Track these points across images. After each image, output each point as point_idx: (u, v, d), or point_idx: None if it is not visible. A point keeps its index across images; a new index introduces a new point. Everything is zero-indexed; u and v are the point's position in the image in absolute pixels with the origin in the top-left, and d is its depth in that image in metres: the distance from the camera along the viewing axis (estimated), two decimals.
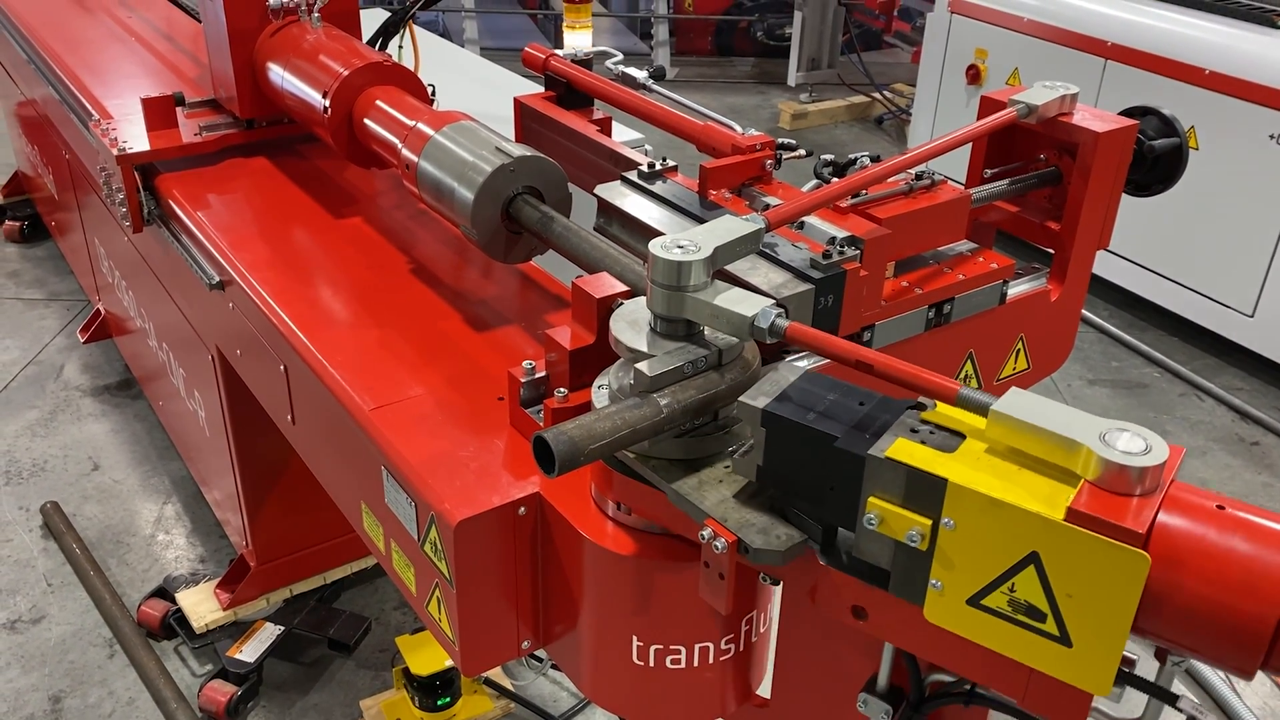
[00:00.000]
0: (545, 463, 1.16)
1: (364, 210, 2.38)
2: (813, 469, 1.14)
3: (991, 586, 1.04)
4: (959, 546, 1.04)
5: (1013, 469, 1.04)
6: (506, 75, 3.92)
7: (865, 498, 1.09)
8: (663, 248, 1.27)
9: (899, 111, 7.36)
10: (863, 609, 1.20)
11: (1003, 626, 1.05)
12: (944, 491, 1.03)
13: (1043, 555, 0.99)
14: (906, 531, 1.06)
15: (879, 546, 1.10)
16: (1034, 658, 1.04)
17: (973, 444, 1.08)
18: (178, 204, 2.42)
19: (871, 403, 1.16)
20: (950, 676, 1.35)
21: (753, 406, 1.17)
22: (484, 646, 1.55)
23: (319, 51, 2.36)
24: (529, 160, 1.83)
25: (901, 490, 1.06)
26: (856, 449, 1.09)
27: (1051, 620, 1.01)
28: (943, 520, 1.04)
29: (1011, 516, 1.00)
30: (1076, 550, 0.97)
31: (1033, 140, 2.03)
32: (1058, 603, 1.00)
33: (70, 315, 4.72)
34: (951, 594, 1.06)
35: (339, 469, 1.89)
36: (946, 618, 1.08)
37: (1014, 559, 1.01)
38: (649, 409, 1.21)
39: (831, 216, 1.75)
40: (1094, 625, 0.99)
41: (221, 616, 3.02)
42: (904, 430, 1.11)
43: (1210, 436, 4.23)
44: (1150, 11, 4.76)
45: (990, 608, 1.05)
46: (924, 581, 1.08)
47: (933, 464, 1.04)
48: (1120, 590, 0.96)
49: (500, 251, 1.88)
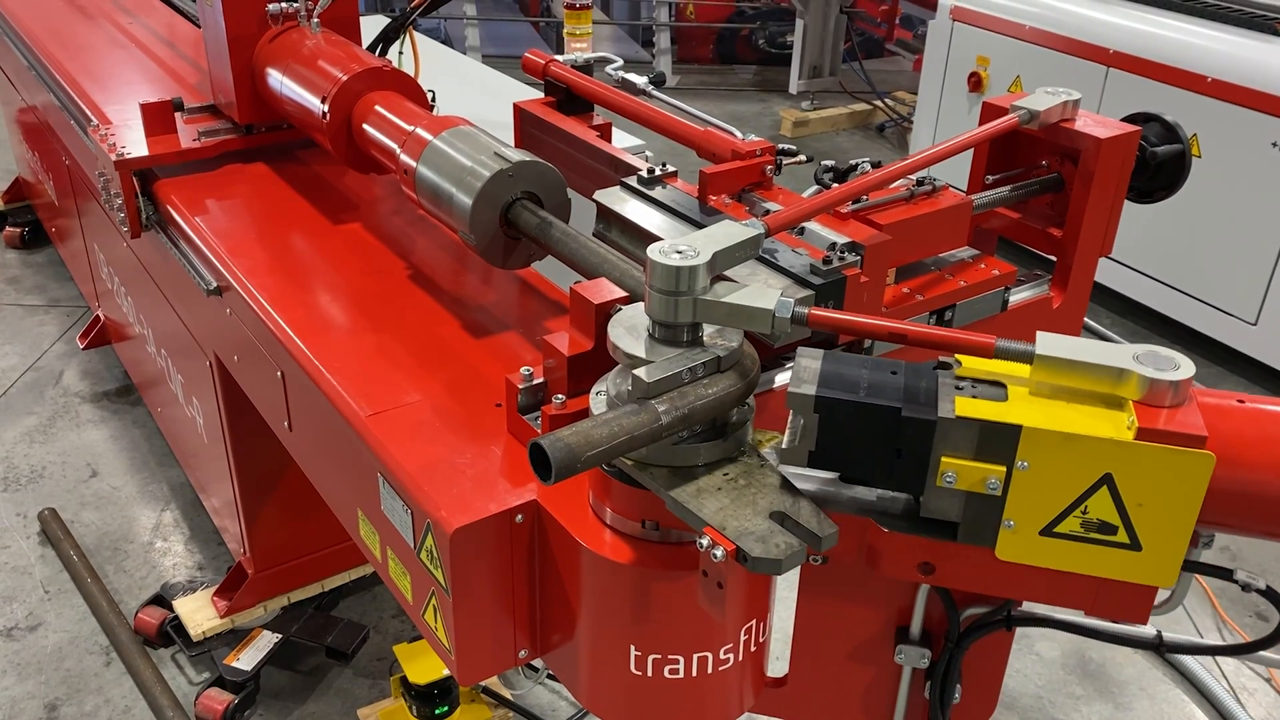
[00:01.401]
0: (542, 469, 1.15)
1: (363, 216, 2.37)
2: (874, 442, 1.17)
3: (1065, 514, 1.13)
4: (1032, 485, 1.13)
5: (1062, 404, 1.13)
6: (508, 82, 3.92)
7: (937, 458, 1.14)
8: (661, 253, 1.26)
9: (900, 119, 7.36)
10: (930, 564, 1.25)
11: (1075, 547, 1.14)
12: (1018, 437, 1.10)
13: (1116, 475, 1.10)
14: (985, 480, 1.13)
15: (949, 501, 1.17)
16: (1105, 568, 1.15)
17: (1016, 389, 1.16)
18: (176, 209, 2.41)
19: (903, 370, 1.21)
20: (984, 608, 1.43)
21: (804, 395, 1.19)
22: (481, 655, 1.53)
23: (318, 57, 2.36)
24: (527, 165, 1.82)
25: (974, 444, 1.13)
26: (925, 414, 1.14)
27: (1123, 531, 1.13)
28: (1018, 464, 1.12)
29: (1085, 447, 1.09)
30: (1148, 464, 1.08)
31: (1035, 146, 2.02)
32: (1129, 514, 1.11)
33: (70, 321, 4.72)
34: (1024, 529, 1.15)
35: (336, 476, 1.88)
36: (1020, 552, 1.16)
37: (1087, 484, 1.11)
38: (647, 416, 1.20)
39: (832, 222, 1.73)
40: (1163, 527, 1.11)
41: (219, 624, 3.00)
42: (951, 390, 1.17)
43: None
44: (1152, 19, 4.76)
45: (1063, 533, 1.14)
46: (995, 524, 1.15)
47: (1002, 414, 1.12)
48: (1188, 490, 1.08)
49: (499, 257, 1.87)
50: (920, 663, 1.49)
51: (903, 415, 1.15)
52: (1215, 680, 3.07)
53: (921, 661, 1.49)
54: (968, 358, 1.22)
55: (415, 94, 2.28)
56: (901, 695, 1.56)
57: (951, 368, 1.21)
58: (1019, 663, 3.17)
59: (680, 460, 1.28)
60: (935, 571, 1.25)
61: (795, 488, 1.26)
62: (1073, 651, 3.22)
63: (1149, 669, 3.17)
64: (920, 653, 1.48)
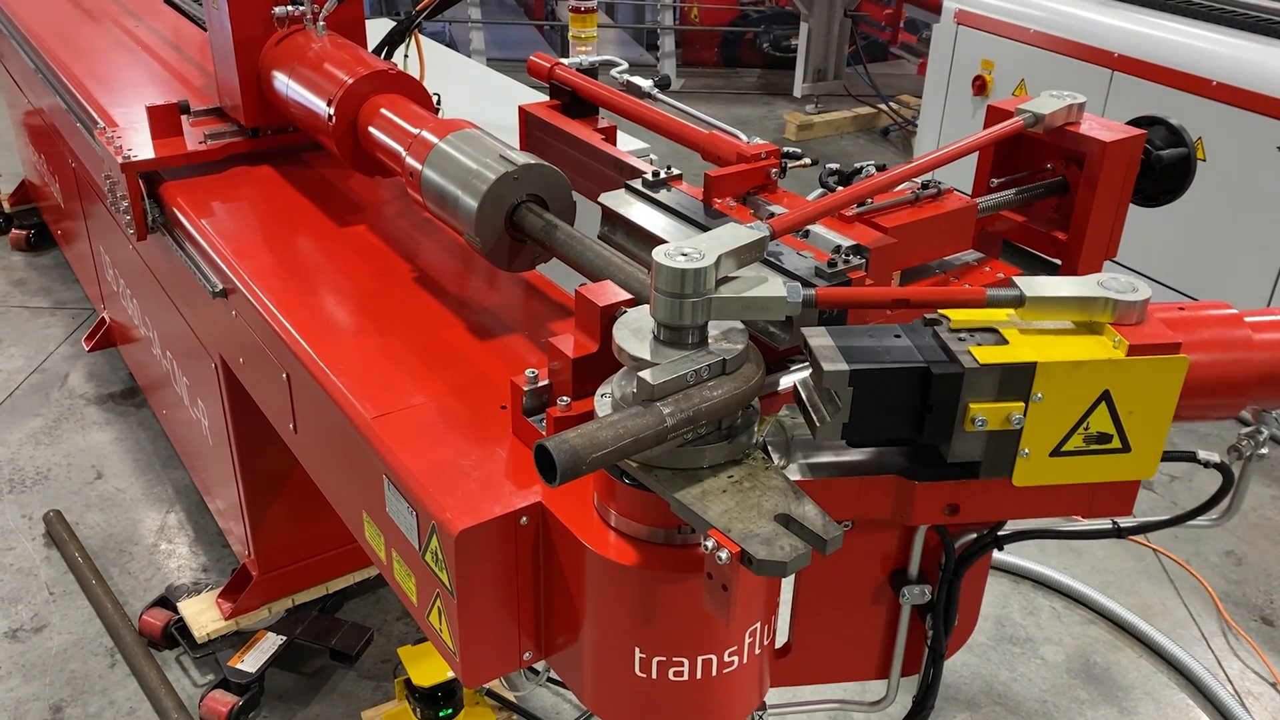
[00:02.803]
0: (547, 471, 1.15)
1: (368, 219, 2.37)
2: (905, 404, 1.26)
3: (1071, 434, 1.26)
4: (1045, 414, 1.24)
5: (1052, 338, 1.26)
6: (513, 85, 3.92)
7: (964, 406, 1.23)
8: (667, 255, 1.26)
9: (905, 123, 7.36)
10: (956, 504, 1.34)
11: (1079, 461, 1.28)
12: (1033, 374, 1.21)
13: (1112, 390, 1.23)
14: (1009, 417, 1.23)
15: (973, 444, 1.26)
16: (1103, 473, 1.29)
17: (1009, 333, 1.27)
18: (182, 212, 2.42)
19: (905, 332, 1.30)
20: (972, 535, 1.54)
21: (839, 371, 1.24)
22: (485, 658, 1.54)
23: (324, 60, 2.36)
24: (533, 168, 1.82)
25: (995, 387, 1.23)
26: (953, 369, 1.23)
27: (1117, 439, 1.27)
28: (1033, 397, 1.23)
29: (1088, 370, 1.22)
30: (1138, 375, 1.23)
31: (1039, 150, 2.02)
32: (1122, 423, 1.26)
33: (76, 323, 4.73)
34: (1037, 455, 1.27)
35: (341, 478, 1.88)
36: (1034, 475, 1.28)
37: (1089, 403, 1.24)
38: (652, 418, 1.20)
39: (837, 225, 1.73)
40: (1148, 428, 1.26)
41: (223, 626, 3.01)
42: (957, 341, 1.26)
43: (1218, 449, 4.19)
44: (1157, 23, 4.75)
45: (1069, 451, 1.27)
46: (1013, 456, 1.27)
47: (1014, 355, 1.23)
48: (1168, 391, 1.24)
49: (504, 259, 1.87)
50: (922, 599, 1.56)
51: (934, 373, 1.23)
52: (1220, 685, 3.07)
53: (923, 597, 1.56)
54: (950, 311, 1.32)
55: (420, 97, 2.29)
56: (901, 634, 1.63)
57: (940, 324, 1.30)
58: (1024, 667, 3.17)
59: (685, 462, 1.28)
60: (960, 510, 1.35)
61: (800, 490, 1.26)
62: (1077, 656, 3.21)
63: (1154, 673, 3.16)
64: (921, 589, 1.56)
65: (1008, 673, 3.15)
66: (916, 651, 1.65)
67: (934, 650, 1.61)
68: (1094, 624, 3.34)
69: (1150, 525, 1.56)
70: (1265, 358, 1.37)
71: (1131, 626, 3.29)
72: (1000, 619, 3.34)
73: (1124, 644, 3.27)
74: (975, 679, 3.12)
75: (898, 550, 1.55)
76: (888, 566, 1.57)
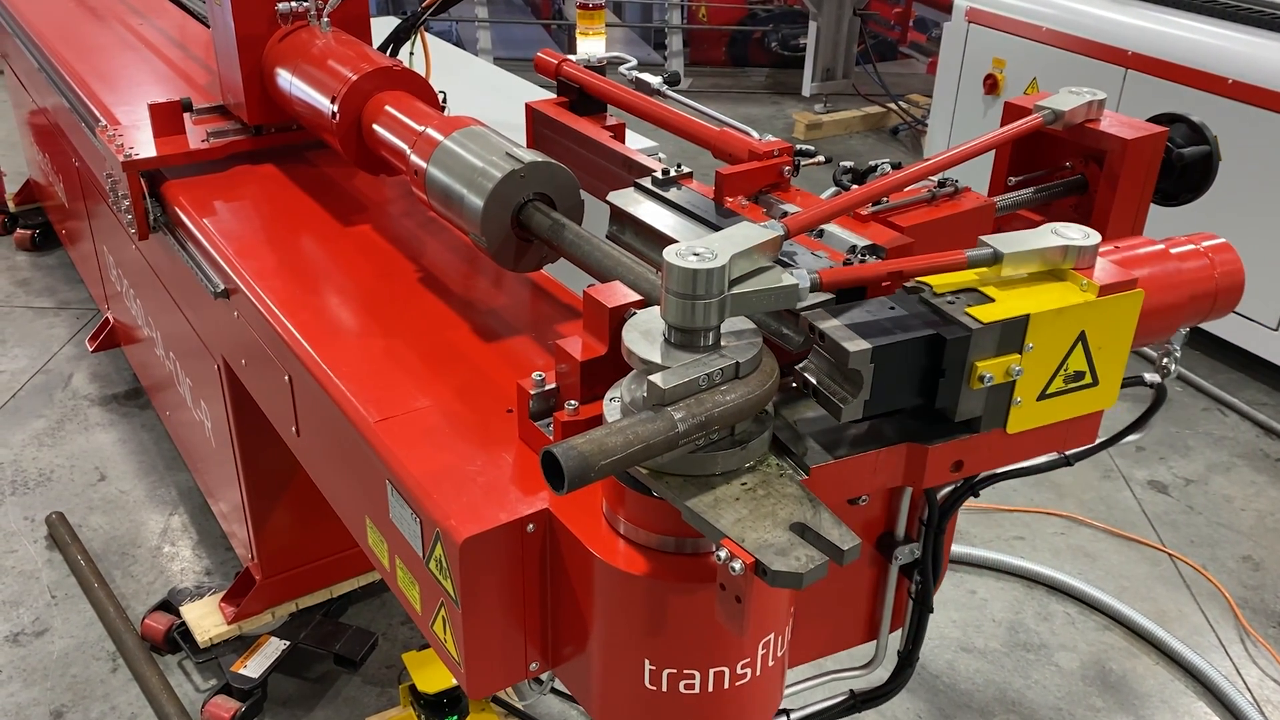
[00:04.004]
0: (554, 478, 1.11)
1: (372, 218, 2.34)
2: (919, 373, 1.30)
3: (1054, 375, 1.35)
4: (1033, 361, 1.32)
5: (1025, 288, 1.34)
6: (519, 83, 3.89)
7: (971, 365, 1.29)
8: (678, 255, 1.22)
9: (915, 122, 7.31)
10: (960, 461, 1.40)
11: (1059, 401, 1.37)
12: (1026, 325, 1.29)
13: (1087, 330, 1.33)
14: (1010, 369, 1.30)
15: (975, 401, 1.32)
16: (1077, 408, 1.39)
17: (989, 289, 1.34)
18: (184, 211, 2.38)
19: (897, 301, 1.34)
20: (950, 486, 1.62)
21: (863, 350, 1.24)
22: (490, 668, 1.50)
23: (328, 56, 2.32)
24: (540, 166, 1.78)
25: (995, 344, 1.29)
26: (961, 332, 1.27)
27: (1089, 374, 1.37)
28: (1026, 347, 1.30)
29: (1070, 315, 1.31)
30: (1105, 313, 1.33)
31: (1058, 147, 1.97)
32: (1093, 359, 1.36)
33: (80, 324, 4.70)
34: (1028, 401, 1.35)
35: (343, 483, 1.85)
36: (1025, 421, 1.37)
37: (1068, 345, 1.33)
38: (663, 423, 1.16)
39: (852, 224, 1.69)
40: (1112, 360, 1.38)
41: (226, 631, 2.97)
42: (949, 305, 1.32)
43: (1234, 452, 4.15)
44: (1172, 20, 4.70)
45: (1052, 392, 1.36)
46: (1007, 406, 1.34)
47: (1007, 311, 1.29)
48: (1127, 324, 1.36)
49: (510, 260, 1.83)
50: (912, 557, 1.62)
51: (946, 338, 1.27)
52: (1239, 693, 3.01)
53: (913, 556, 1.62)
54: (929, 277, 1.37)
55: (426, 94, 2.25)
56: (889, 595, 1.69)
57: (922, 291, 1.35)
58: (1037, 674, 3.12)
59: (697, 469, 1.24)
60: (963, 465, 1.40)
61: (815, 497, 1.22)
62: (1092, 663, 3.16)
63: (1170, 680, 3.11)
64: (910, 549, 1.62)
65: (1021, 680, 3.10)
66: (898, 608, 1.73)
67: (922, 603, 1.70)
68: (1109, 630, 3.29)
69: (1093, 449, 1.61)
70: (1190, 280, 1.57)
71: (1148, 633, 3.24)
72: (1014, 625, 3.29)
73: (1140, 651, 3.22)
74: (989, 686, 3.07)
75: (882, 515, 1.61)
76: (872, 533, 1.61)
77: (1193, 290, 1.57)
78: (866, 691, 1.83)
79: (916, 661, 1.78)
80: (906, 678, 1.80)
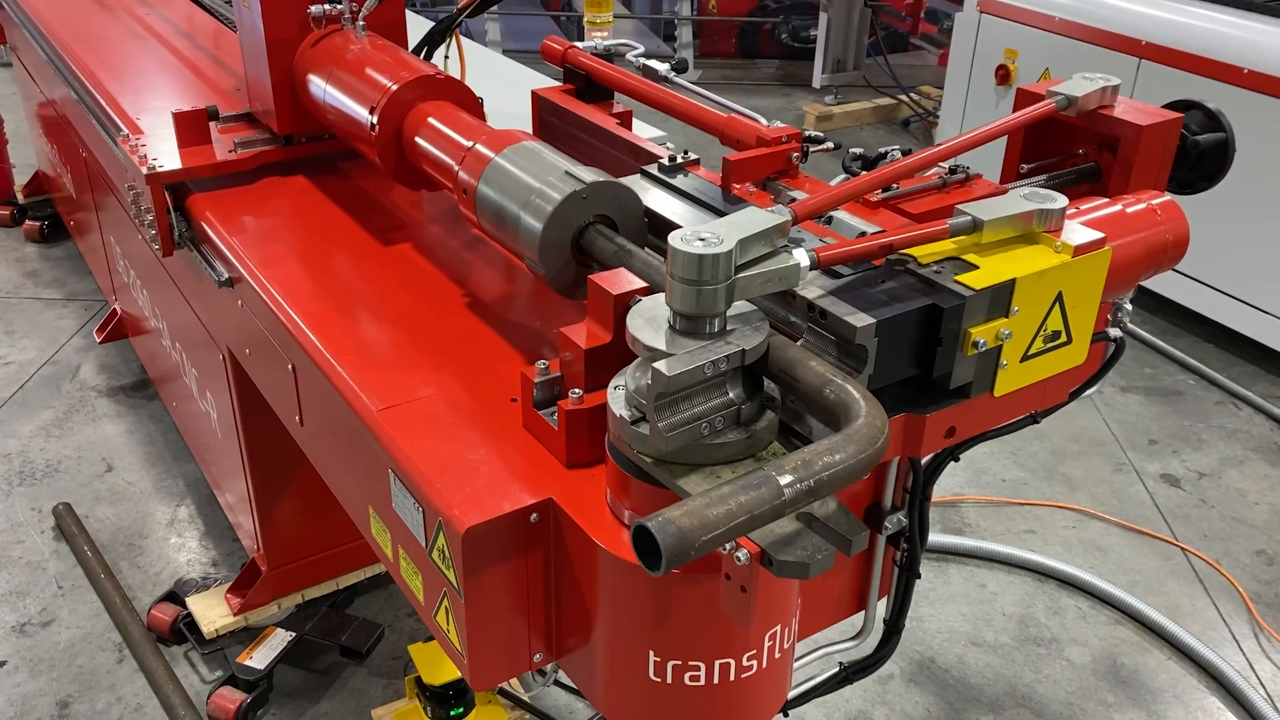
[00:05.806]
0: (648, 556, 1.01)
1: (390, 221, 2.27)
2: (918, 342, 1.32)
3: (1034, 336, 1.39)
4: (1019, 324, 1.36)
5: (1004, 253, 1.38)
6: (529, 73, 3.87)
7: (965, 331, 1.31)
8: (684, 240, 1.20)
9: (926, 114, 7.26)
10: (953, 427, 1.42)
11: (1039, 361, 1.42)
12: (1013, 290, 1.32)
13: (1064, 291, 1.38)
14: (1000, 333, 1.33)
15: (967, 368, 1.35)
16: (1055, 366, 1.44)
17: (970, 256, 1.37)
18: (210, 226, 2.27)
19: (883, 274, 1.37)
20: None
21: (868, 325, 1.24)
22: (493, 659, 1.48)
23: (365, 63, 2.18)
24: (603, 186, 1.63)
25: (985, 309, 1.32)
26: (956, 300, 1.29)
27: (1064, 333, 1.42)
28: (1012, 310, 1.34)
29: (1050, 276, 1.35)
30: (1079, 273, 1.38)
31: (1071, 134, 1.94)
32: (1068, 318, 1.41)
33: (88, 315, 4.70)
34: (1012, 363, 1.39)
35: (347, 472, 1.83)
36: (1011, 382, 1.41)
37: (1046, 306, 1.38)
38: (768, 491, 1.06)
39: (861, 211, 1.67)
40: (1083, 317, 1.43)
41: (232, 622, 2.97)
42: (936, 274, 1.34)
43: (1248, 445, 4.11)
44: (1186, 9, 4.65)
45: (1033, 353, 1.40)
46: (994, 370, 1.38)
47: (994, 276, 1.32)
48: (1096, 281, 1.41)
49: (569, 287, 1.67)
50: (901, 525, 1.64)
51: (943, 307, 1.28)
52: (1253, 688, 2.98)
53: (902, 524, 1.64)
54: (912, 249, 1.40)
55: (470, 103, 2.10)
56: (877, 565, 1.71)
57: (907, 262, 1.37)
58: (1048, 669, 3.09)
59: (702, 457, 1.22)
60: (955, 431, 1.42)
61: None
62: (1104, 657, 3.14)
63: (1183, 676, 3.08)
64: (898, 517, 1.63)
65: (1032, 674, 3.07)
66: (884, 575, 1.77)
67: (909, 570, 1.73)
68: (1121, 624, 3.26)
69: (1057, 406, 1.64)
70: (1146, 236, 1.63)
71: (1160, 627, 3.21)
72: (1024, 619, 3.27)
73: (1152, 645, 3.19)
74: (999, 680, 3.05)
75: (869, 486, 1.62)
76: (860, 505, 1.62)
77: (1147, 244, 1.62)
78: (856, 662, 1.85)
79: (903, 629, 1.81)
80: (894, 646, 1.82)
